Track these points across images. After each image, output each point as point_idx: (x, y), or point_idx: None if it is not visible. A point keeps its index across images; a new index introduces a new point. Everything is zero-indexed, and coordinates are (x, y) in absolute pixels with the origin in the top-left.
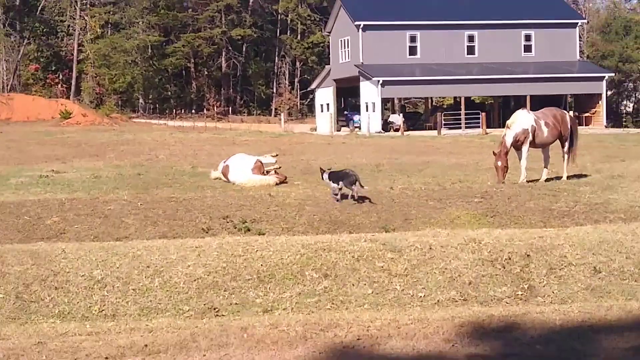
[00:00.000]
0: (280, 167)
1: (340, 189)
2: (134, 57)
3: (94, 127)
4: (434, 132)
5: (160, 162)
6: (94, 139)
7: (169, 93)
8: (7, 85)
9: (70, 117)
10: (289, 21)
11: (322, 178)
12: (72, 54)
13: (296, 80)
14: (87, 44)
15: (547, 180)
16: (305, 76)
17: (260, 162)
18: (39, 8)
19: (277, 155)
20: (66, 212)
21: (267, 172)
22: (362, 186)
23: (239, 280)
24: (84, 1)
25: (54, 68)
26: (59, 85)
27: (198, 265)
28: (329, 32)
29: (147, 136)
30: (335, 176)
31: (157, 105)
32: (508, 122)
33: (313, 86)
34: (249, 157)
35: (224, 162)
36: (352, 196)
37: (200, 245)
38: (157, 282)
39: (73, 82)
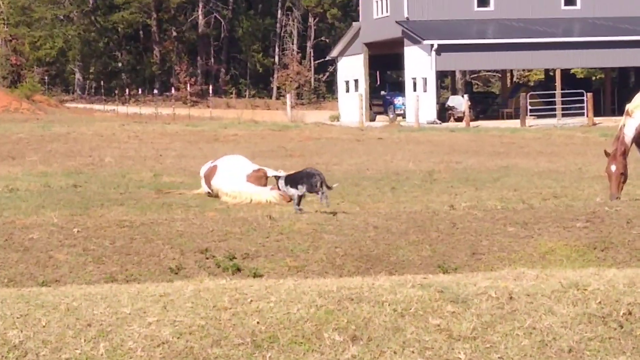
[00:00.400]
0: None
1: (302, 195)
2: (67, 11)
3: (7, 116)
4: (516, 122)
5: (107, 167)
6: (8, 134)
7: (120, 65)
8: None
9: None
10: None
11: (279, 187)
12: None
13: (309, 44)
14: None
15: None
16: (323, 39)
17: (265, 173)
18: None
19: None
20: None
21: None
22: (328, 187)
23: (224, 346)
24: None
25: None
26: None
27: (164, 323)
28: None
29: (87, 129)
30: (293, 180)
31: (102, 83)
32: (628, 106)
33: (334, 54)
34: (249, 162)
35: (212, 162)
36: (326, 203)
37: (167, 293)
38: (102, 348)
39: None
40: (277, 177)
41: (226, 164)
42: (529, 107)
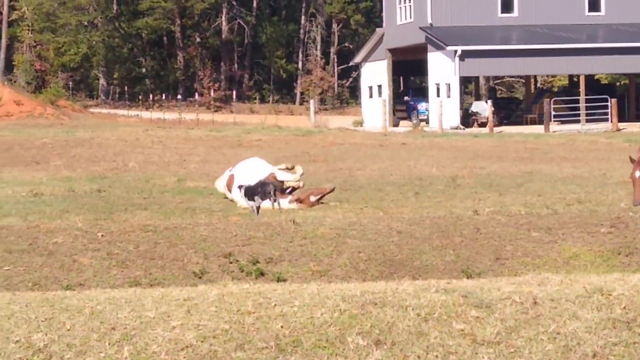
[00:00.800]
0: (300, 185)
1: (259, 207)
2: (92, 17)
3: (32, 121)
4: (539, 128)
5: (131, 172)
6: (32, 139)
7: (144, 70)
8: None
9: None
10: None
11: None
12: (1, 13)
13: (332, 50)
14: None
15: None
16: (346, 44)
17: (275, 177)
18: None
19: (294, 169)
20: None
21: (285, 190)
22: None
23: (248, 350)
24: None
25: None
26: None
27: (187, 326)
28: None
29: (111, 134)
30: (250, 192)
31: (126, 89)
32: None
33: (358, 59)
34: (265, 166)
35: (230, 170)
36: (279, 209)
37: (191, 297)
38: (126, 352)
39: (2, 53)
40: (240, 187)
41: (243, 173)
42: (553, 113)
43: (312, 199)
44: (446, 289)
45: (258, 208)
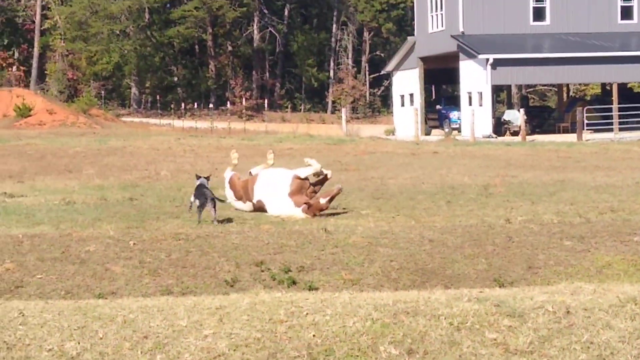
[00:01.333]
0: (324, 177)
1: (200, 207)
2: (124, 26)
3: (64, 130)
4: (572, 137)
5: (163, 181)
6: (65, 147)
7: (175, 79)
8: None
9: (30, 115)
10: None
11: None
12: (33, 21)
13: (364, 59)
14: (54, 7)
15: None
16: (378, 53)
17: (300, 178)
18: None
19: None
20: (25, 256)
21: (315, 186)
22: (221, 200)
23: (280, 359)
24: None
25: (5, 42)
26: (14, 68)
27: (220, 335)
28: None
29: (142, 143)
30: (199, 191)
31: (158, 98)
32: None
33: (389, 68)
34: (283, 171)
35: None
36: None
37: (223, 305)
38: None
39: (34, 62)
40: (198, 177)
41: (266, 180)
42: (586, 121)
43: (322, 201)
44: (478, 298)
45: (199, 210)
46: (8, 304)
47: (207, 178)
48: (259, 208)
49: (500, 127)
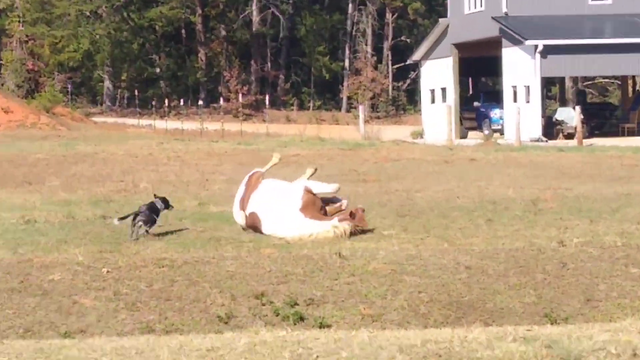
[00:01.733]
0: (343, 204)
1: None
2: (95, 6)
3: (23, 132)
4: (639, 140)
5: (142, 194)
6: (23, 154)
7: (158, 70)
8: None
9: None
10: None
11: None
12: None
13: (386, 45)
14: None
15: None
16: (403, 38)
17: (311, 191)
18: None
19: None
20: None
21: (327, 207)
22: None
23: None
24: None
25: None
26: None
27: None
28: None
29: (118, 148)
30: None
31: (137, 93)
32: None
33: (417, 57)
34: (288, 184)
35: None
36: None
37: (216, 346)
38: None
39: None
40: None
41: (268, 195)
42: None
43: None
44: (526, 337)
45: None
46: None
47: (164, 200)
48: (251, 224)
49: (551, 128)
